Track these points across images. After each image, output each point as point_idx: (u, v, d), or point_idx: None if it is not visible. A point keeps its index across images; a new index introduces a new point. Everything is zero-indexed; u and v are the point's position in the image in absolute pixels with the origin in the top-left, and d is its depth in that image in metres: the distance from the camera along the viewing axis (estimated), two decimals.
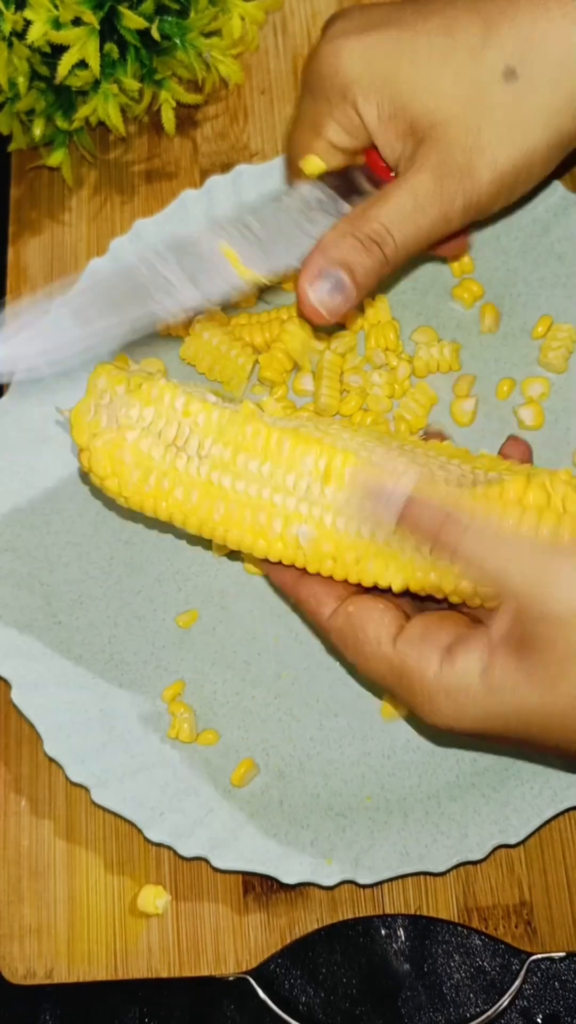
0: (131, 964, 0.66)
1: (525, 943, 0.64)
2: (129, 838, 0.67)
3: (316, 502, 0.58)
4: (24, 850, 0.68)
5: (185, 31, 0.76)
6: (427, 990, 0.65)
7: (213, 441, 0.59)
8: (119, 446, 0.60)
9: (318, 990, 0.66)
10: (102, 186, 0.82)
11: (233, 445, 0.59)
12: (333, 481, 0.57)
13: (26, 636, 0.69)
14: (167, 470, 0.60)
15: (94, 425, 0.61)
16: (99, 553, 0.71)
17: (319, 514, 0.58)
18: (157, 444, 0.60)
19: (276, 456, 0.58)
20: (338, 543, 0.58)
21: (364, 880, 0.63)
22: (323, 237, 0.62)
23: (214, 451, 0.59)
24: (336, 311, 0.63)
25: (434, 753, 0.66)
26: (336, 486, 0.57)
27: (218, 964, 0.65)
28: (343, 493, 0.57)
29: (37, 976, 0.66)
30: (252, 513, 0.59)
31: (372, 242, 0.62)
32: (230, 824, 0.65)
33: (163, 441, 0.60)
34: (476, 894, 0.65)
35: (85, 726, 0.67)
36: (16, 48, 0.73)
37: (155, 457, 0.60)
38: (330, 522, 0.58)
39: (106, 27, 0.74)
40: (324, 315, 0.63)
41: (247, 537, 0.59)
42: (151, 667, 0.69)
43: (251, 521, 0.59)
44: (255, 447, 0.59)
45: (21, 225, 0.82)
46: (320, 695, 0.68)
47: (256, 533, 0.59)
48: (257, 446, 0.59)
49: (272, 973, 0.66)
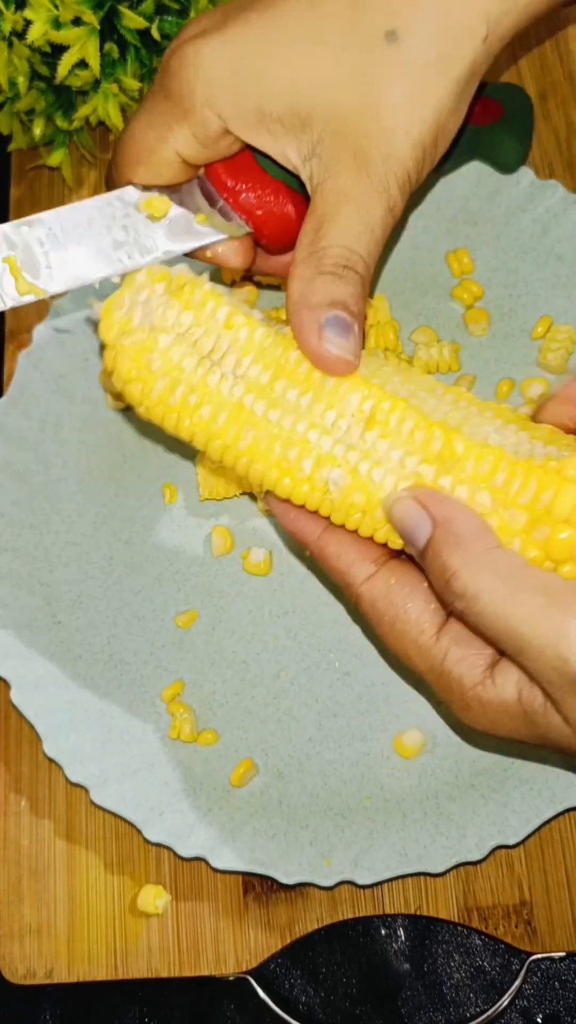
0: (131, 964, 0.66)
1: (525, 943, 0.64)
2: (129, 838, 0.67)
3: (354, 446, 0.53)
4: (24, 850, 0.68)
5: None
6: (427, 990, 0.65)
7: (252, 361, 0.54)
8: (149, 349, 0.55)
9: (318, 990, 0.66)
10: (102, 186, 0.82)
11: (274, 368, 0.54)
12: (377, 427, 0.53)
13: (26, 636, 0.69)
14: (197, 384, 0.54)
15: (125, 322, 0.55)
16: (99, 553, 0.71)
17: (355, 460, 0.53)
18: (191, 354, 0.54)
19: (318, 388, 0.54)
20: (370, 496, 0.53)
21: (363, 880, 0.63)
22: (291, 290, 0.55)
23: (251, 372, 0.54)
24: (355, 350, 0.54)
25: (433, 754, 0.66)
26: (379, 432, 0.53)
27: (218, 964, 0.65)
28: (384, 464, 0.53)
29: (37, 976, 0.66)
30: (283, 447, 0.54)
31: (344, 268, 0.55)
32: (229, 824, 0.65)
33: (197, 351, 0.54)
34: (476, 894, 0.65)
35: (84, 726, 0.67)
36: (16, 48, 0.73)
37: (186, 368, 0.54)
38: (366, 471, 0.53)
39: (106, 27, 0.74)
40: (351, 360, 0.54)
41: (272, 472, 0.54)
42: (150, 667, 0.69)
43: (279, 455, 0.54)
44: (297, 374, 0.54)
45: None
46: (319, 695, 0.68)
47: (282, 470, 0.54)
48: (299, 374, 0.54)
49: (272, 973, 0.66)
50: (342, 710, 0.68)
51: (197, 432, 0.55)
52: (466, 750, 0.66)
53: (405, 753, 0.66)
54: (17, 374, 0.74)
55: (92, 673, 0.69)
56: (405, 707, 0.67)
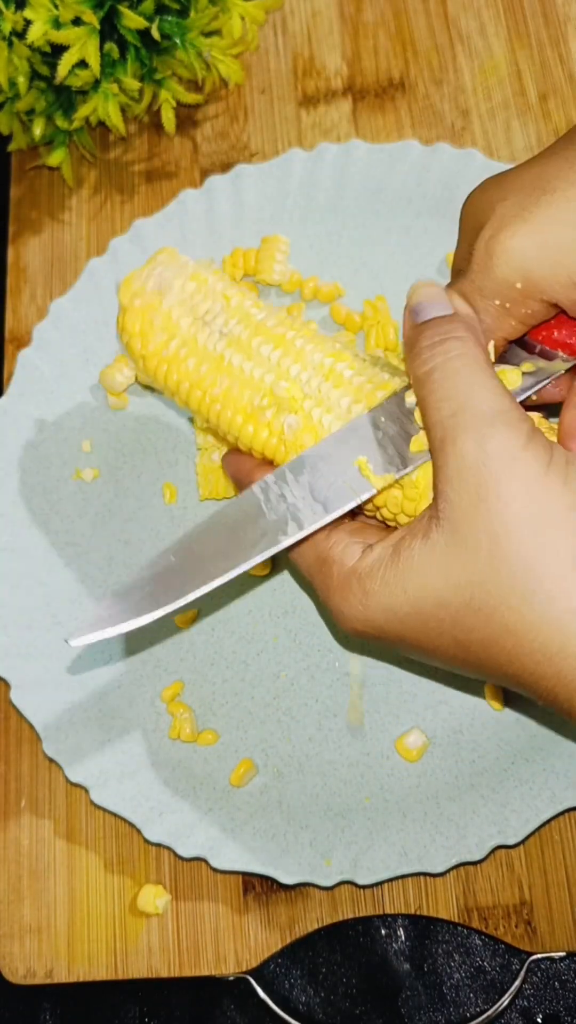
0: (131, 964, 0.66)
1: (525, 943, 0.64)
2: (129, 838, 0.67)
3: (310, 395, 0.59)
4: (24, 850, 0.68)
5: (185, 31, 0.76)
6: (427, 990, 0.65)
7: (237, 322, 0.61)
8: (154, 309, 0.62)
9: (318, 990, 0.66)
10: (102, 186, 0.82)
11: (253, 327, 0.61)
12: (332, 378, 0.59)
13: (25, 636, 0.69)
14: (188, 339, 0.62)
15: (140, 288, 0.63)
16: (98, 553, 0.71)
17: (310, 407, 0.59)
18: (187, 314, 0.62)
19: (289, 346, 0.60)
20: (318, 438, 0.59)
21: (363, 880, 0.63)
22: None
23: (235, 330, 0.61)
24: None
25: (433, 754, 0.66)
26: (334, 383, 0.59)
27: (218, 964, 0.65)
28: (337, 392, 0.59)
29: (37, 976, 0.66)
30: (251, 394, 0.60)
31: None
32: (229, 824, 0.65)
33: (194, 313, 0.62)
34: (476, 894, 0.65)
35: (84, 726, 0.67)
36: (16, 48, 0.73)
37: (182, 326, 0.62)
38: (317, 416, 0.59)
39: (106, 27, 0.74)
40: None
41: (238, 418, 0.61)
42: (150, 667, 0.69)
43: (247, 402, 0.60)
44: (272, 333, 0.61)
45: (21, 224, 0.82)
46: (319, 695, 0.68)
47: (248, 416, 0.60)
48: (275, 333, 0.61)
49: (272, 973, 0.66)
50: (342, 710, 0.68)
51: (182, 380, 0.62)
52: (466, 751, 0.66)
53: (409, 756, 0.66)
54: (17, 374, 0.74)
55: (92, 673, 0.69)
56: (405, 707, 0.67)
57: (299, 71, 0.83)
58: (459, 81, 0.81)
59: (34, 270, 0.80)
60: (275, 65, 0.84)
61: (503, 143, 0.79)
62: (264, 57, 0.84)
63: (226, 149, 0.82)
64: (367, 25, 0.84)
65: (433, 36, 0.83)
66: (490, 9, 0.83)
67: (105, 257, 0.76)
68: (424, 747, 0.66)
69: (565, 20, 0.82)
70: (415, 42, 0.83)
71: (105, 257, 0.76)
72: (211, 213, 0.77)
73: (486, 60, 0.82)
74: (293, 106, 0.82)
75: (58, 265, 0.80)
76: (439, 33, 0.83)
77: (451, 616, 0.53)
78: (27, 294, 0.80)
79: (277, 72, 0.83)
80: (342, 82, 0.82)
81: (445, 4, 0.84)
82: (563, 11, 0.82)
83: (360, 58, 0.83)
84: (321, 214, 0.77)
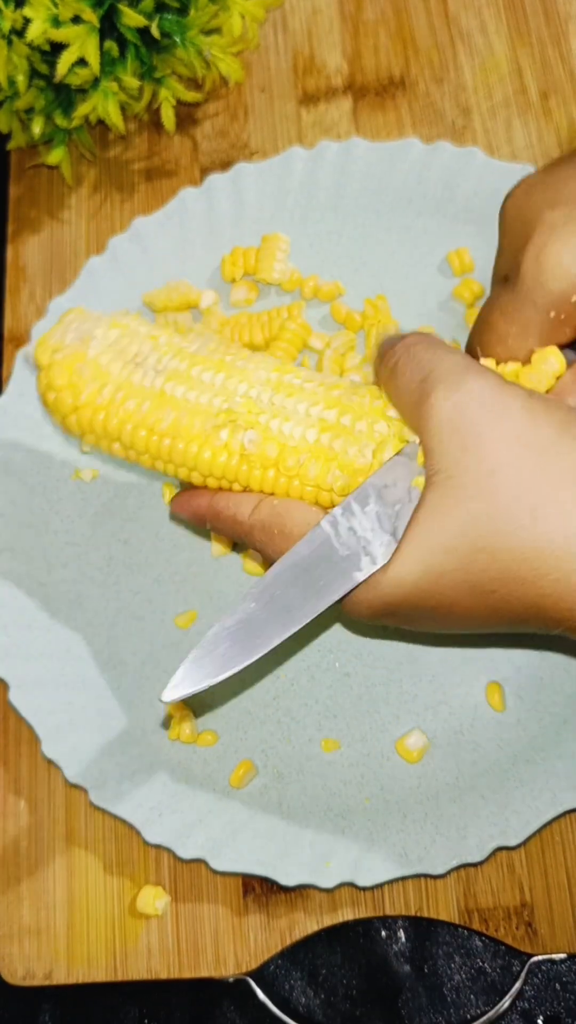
0: (130, 965, 0.66)
1: (526, 944, 0.64)
2: (128, 839, 0.67)
3: (264, 410, 0.58)
4: (24, 850, 0.68)
5: (185, 29, 0.76)
6: (428, 992, 0.65)
7: (172, 356, 0.60)
8: (80, 359, 0.61)
9: (318, 991, 0.66)
10: (101, 184, 0.82)
11: (190, 359, 0.60)
12: (284, 389, 0.58)
13: (26, 636, 0.69)
14: (122, 383, 0.60)
15: (59, 344, 0.61)
16: (98, 554, 0.71)
17: (266, 420, 0.58)
18: (116, 359, 0.60)
19: (231, 368, 0.59)
20: (282, 446, 0.58)
21: (363, 882, 0.63)
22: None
23: (171, 364, 0.60)
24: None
25: (433, 755, 0.66)
26: (286, 393, 0.58)
27: (218, 965, 0.65)
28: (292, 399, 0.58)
29: (36, 977, 0.66)
30: (201, 421, 0.59)
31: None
32: (228, 826, 0.65)
33: (123, 357, 0.60)
34: (477, 895, 0.65)
35: (83, 727, 0.67)
36: (16, 46, 0.73)
37: (112, 372, 0.60)
38: (276, 426, 0.58)
39: (106, 25, 0.74)
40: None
41: (192, 447, 0.59)
42: (150, 667, 0.69)
43: (199, 429, 0.59)
44: (211, 360, 0.60)
45: (20, 223, 0.82)
46: (319, 696, 0.68)
47: (203, 442, 0.59)
48: (214, 359, 0.60)
49: (272, 974, 0.66)
50: (342, 710, 0.67)
51: (124, 424, 0.60)
52: (466, 752, 0.66)
53: (409, 758, 0.66)
54: (16, 374, 0.74)
55: (92, 673, 0.69)
56: (405, 708, 0.67)
57: (299, 69, 0.83)
58: (460, 79, 0.81)
59: (33, 269, 0.80)
60: (275, 63, 0.83)
61: (504, 141, 0.79)
62: (264, 55, 0.84)
63: (226, 147, 0.82)
64: (367, 23, 0.84)
65: (434, 34, 0.83)
66: (491, 7, 0.83)
67: (105, 256, 0.76)
68: (424, 748, 0.66)
69: (566, 18, 0.82)
70: (416, 40, 0.83)
71: (105, 256, 0.76)
72: (211, 212, 0.77)
73: (487, 58, 0.81)
74: (293, 104, 0.82)
75: (57, 264, 0.80)
76: (440, 31, 0.83)
77: (460, 563, 0.52)
78: (26, 293, 0.80)
79: (277, 70, 0.83)
80: (342, 80, 0.82)
81: (446, 2, 0.83)
82: (564, 9, 0.82)
83: (360, 56, 0.83)
84: (321, 213, 0.77)
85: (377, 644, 0.68)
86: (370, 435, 0.57)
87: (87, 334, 0.61)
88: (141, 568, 0.71)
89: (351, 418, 0.57)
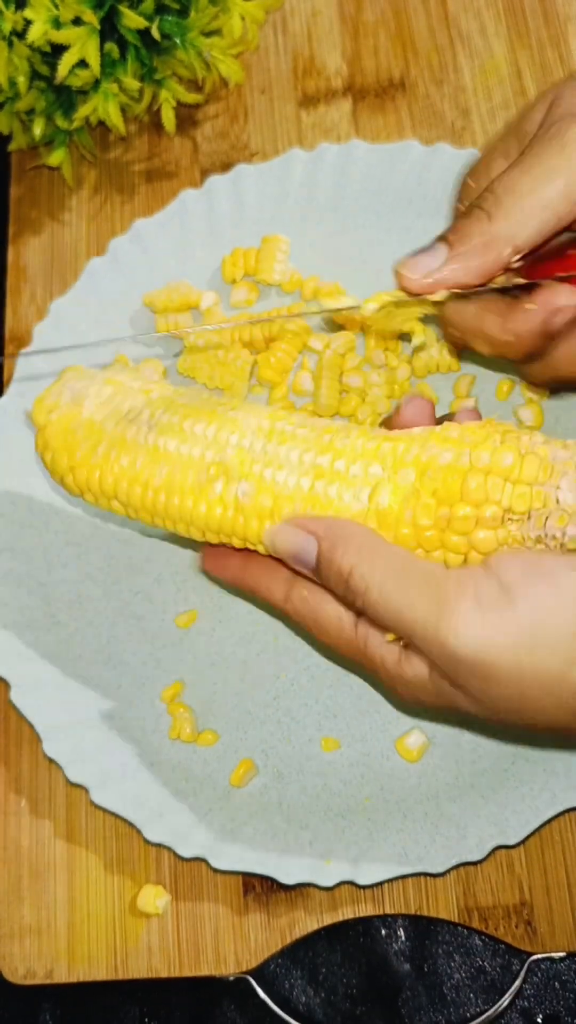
0: (131, 964, 0.66)
1: (525, 943, 0.64)
2: (129, 838, 0.67)
3: (257, 459, 0.58)
4: (24, 850, 0.68)
5: (185, 30, 0.76)
6: (427, 990, 0.65)
7: (164, 411, 0.60)
8: (74, 418, 0.61)
9: (318, 990, 0.66)
10: (102, 185, 0.82)
11: (182, 411, 0.59)
12: (276, 437, 0.58)
13: (26, 636, 0.69)
14: (116, 440, 0.60)
15: (54, 404, 0.61)
16: (98, 553, 0.71)
17: (259, 470, 0.57)
18: (110, 417, 0.60)
19: (222, 419, 0.59)
20: (276, 496, 0.57)
21: (363, 881, 0.63)
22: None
23: (163, 419, 0.59)
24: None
25: (433, 754, 0.66)
26: (278, 440, 0.58)
27: (218, 964, 0.65)
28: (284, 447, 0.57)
29: (37, 976, 0.66)
30: (194, 474, 0.58)
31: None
32: (229, 825, 0.65)
33: (116, 414, 0.60)
34: (476, 894, 0.65)
35: (84, 726, 0.67)
36: (16, 47, 0.73)
37: (107, 429, 0.60)
38: (270, 476, 0.57)
39: (106, 26, 0.74)
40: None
41: (187, 502, 0.58)
42: (150, 667, 0.69)
43: (192, 482, 0.58)
44: (202, 412, 0.59)
45: (21, 224, 0.82)
46: (319, 695, 0.68)
47: (197, 496, 0.58)
48: (205, 411, 0.59)
49: (272, 973, 0.66)
50: (342, 710, 0.68)
51: (119, 481, 0.60)
52: (466, 751, 0.66)
53: (409, 757, 0.66)
54: (17, 374, 0.74)
55: (92, 673, 0.69)
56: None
57: (299, 71, 0.83)
58: (459, 81, 0.81)
59: (34, 270, 0.80)
60: (275, 65, 0.84)
61: None
62: (264, 57, 0.84)
63: (226, 149, 0.82)
64: (367, 25, 0.84)
65: (433, 36, 0.83)
66: (490, 9, 0.83)
67: (105, 257, 0.76)
68: (424, 747, 0.66)
69: (565, 20, 0.82)
70: (415, 42, 0.83)
71: (105, 257, 0.76)
72: (211, 213, 0.77)
73: (486, 60, 0.82)
74: (293, 106, 0.82)
75: (58, 265, 0.80)
76: (439, 33, 0.83)
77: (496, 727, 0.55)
78: (27, 294, 0.80)
79: (277, 72, 0.83)
80: (342, 82, 0.82)
81: (445, 4, 0.84)
82: (563, 11, 0.82)
83: (360, 58, 0.83)
84: (321, 214, 0.77)
85: None
86: (365, 479, 0.56)
87: (81, 393, 0.61)
88: (141, 568, 0.71)
89: (345, 462, 0.56)
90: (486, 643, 0.50)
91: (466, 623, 0.51)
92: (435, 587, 0.52)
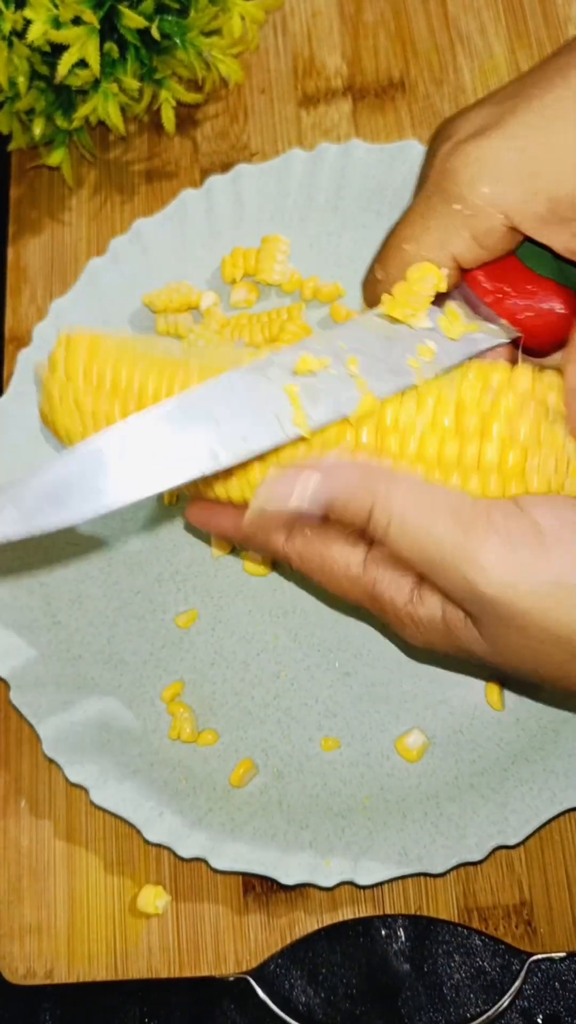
0: (131, 964, 0.66)
1: (525, 943, 0.64)
2: (129, 838, 0.67)
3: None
4: (24, 850, 0.68)
5: (185, 30, 0.76)
6: (427, 990, 0.65)
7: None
8: (99, 336, 0.59)
9: (318, 990, 0.66)
10: (102, 185, 0.82)
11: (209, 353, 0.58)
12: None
13: (26, 636, 0.69)
14: (144, 353, 0.58)
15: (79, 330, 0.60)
16: (98, 553, 0.71)
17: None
18: (140, 342, 0.59)
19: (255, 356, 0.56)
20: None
21: (363, 881, 0.63)
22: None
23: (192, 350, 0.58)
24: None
25: (432, 754, 0.66)
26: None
27: (218, 964, 0.65)
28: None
29: (37, 976, 0.66)
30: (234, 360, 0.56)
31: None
32: (229, 825, 0.65)
33: (144, 342, 0.59)
34: (476, 894, 0.65)
35: (84, 726, 0.67)
36: (16, 47, 0.73)
37: (136, 346, 0.58)
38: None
39: (106, 26, 0.74)
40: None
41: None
42: (150, 667, 0.69)
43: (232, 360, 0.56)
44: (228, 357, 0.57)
45: (21, 225, 0.82)
46: (319, 695, 0.68)
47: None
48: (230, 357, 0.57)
49: (272, 973, 0.66)
50: (342, 710, 0.68)
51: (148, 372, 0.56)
52: (466, 751, 0.66)
53: (409, 756, 0.66)
54: (17, 374, 0.74)
55: (92, 673, 0.69)
56: (405, 707, 0.67)
57: (299, 71, 0.83)
58: (459, 81, 0.81)
59: (34, 270, 0.80)
60: (275, 65, 0.84)
61: None
62: (264, 57, 0.84)
63: (226, 149, 0.82)
64: (367, 25, 0.84)
65: (433, 36, 0.83)
66: (490, 9, 0.83)
67: (105, 257, 0.76)
68: (424, 747, 0.66)
69: (565, 20, 0.82)
70: (415, 42, 0.83)
71: (105, 257, 0.76)
72: (211, 213, 0.77)
73: (486, 60, 0.82)
74: (293, 106, 0.82)
75: (58, 265, 0.80)
76: (439, 33, 0.83)
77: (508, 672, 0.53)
78: (27, 294, 0.80)
79: (277, 72, 0.83)
80: (342, 82, 0.82)
81: (445, 4, 0.84)
82: (563, 11, 0.82)
83: (360, 58, 0.83)
84: (321, 214, 0.77)
85: (377, 644, 0.68)
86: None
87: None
88: (141, 568, 0.71)
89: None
90: (513, 584, 0.49)
91: (494, 561, 0.49)
92: (462, 520, 0.50)
